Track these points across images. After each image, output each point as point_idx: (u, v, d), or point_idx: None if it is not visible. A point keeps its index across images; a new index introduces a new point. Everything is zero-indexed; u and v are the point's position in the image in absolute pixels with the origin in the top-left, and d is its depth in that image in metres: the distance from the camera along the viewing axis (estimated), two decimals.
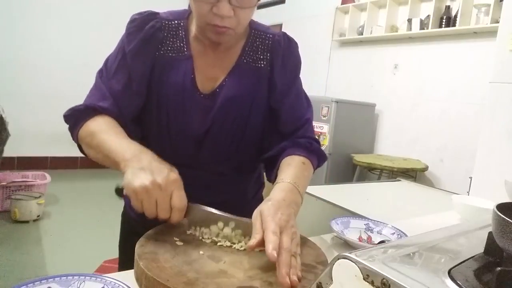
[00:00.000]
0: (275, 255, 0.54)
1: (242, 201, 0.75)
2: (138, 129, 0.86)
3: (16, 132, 3.23)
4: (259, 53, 0.87)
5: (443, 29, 3.17)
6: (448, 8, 3.18)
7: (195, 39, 0.85)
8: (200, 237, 0.70)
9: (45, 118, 4.46)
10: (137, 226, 0.85)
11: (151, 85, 0.83)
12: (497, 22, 2.36)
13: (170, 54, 0.83)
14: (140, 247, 0.62)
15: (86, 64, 4.65)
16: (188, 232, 0.71)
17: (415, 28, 3.39)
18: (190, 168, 0.82)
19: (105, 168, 0.78)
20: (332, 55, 4.40)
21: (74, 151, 0.86)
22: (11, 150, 3.21)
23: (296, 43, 0.90)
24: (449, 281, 0.40)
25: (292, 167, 0.77)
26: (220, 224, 0.70)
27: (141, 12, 0.85)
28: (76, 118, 0.80)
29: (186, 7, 0.89)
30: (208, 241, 0.69)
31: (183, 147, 0.85)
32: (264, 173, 0.96)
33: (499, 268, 0.40)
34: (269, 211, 0.62)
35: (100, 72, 0.86)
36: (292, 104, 0.88)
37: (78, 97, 0.92)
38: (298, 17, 4.85)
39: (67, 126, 0.83)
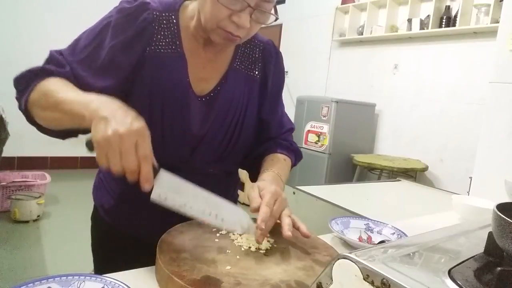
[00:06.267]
0: (263, 226, 0.66)
1: (225, 198, 0.75)
2: None
3: (16, 132, 3.22)
4: (251, 60, 0.88)
5: (443, 29, 3.17)
6: (448, 8, 3.18)
7: (187, 36, 0.81)
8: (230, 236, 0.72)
9: None
10: (109, 230, 0.84)
11: (143, 82, 0.77)
12: (497, 22, 2.36)
13: (162, 50, 0.78)
14: (174, 269, 0.58)
15: None
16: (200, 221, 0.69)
17: (415, 28, 3.39)
18: (180, 171, 0.73)
19: None
20: (332, 55, 4.40)
21: (74, 151, 0.86)
22: (11, 150, 3.21)
23: (281, 54, 0.94)
24: (449, 281, 0.40)
25: (275, 162, 0.87)
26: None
27: (130, 0, 0.77)
28: (29, 80, 0.73)
29: None
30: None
31: (176, 148, 0.80)
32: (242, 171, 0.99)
33: (499, 268, 0.40)
34: (265, 185, 0.74)
35: (59, 55, 0.78)
36: (280, 115, 0.96)
37: None
38: (298, 17, 4.85)
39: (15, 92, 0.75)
